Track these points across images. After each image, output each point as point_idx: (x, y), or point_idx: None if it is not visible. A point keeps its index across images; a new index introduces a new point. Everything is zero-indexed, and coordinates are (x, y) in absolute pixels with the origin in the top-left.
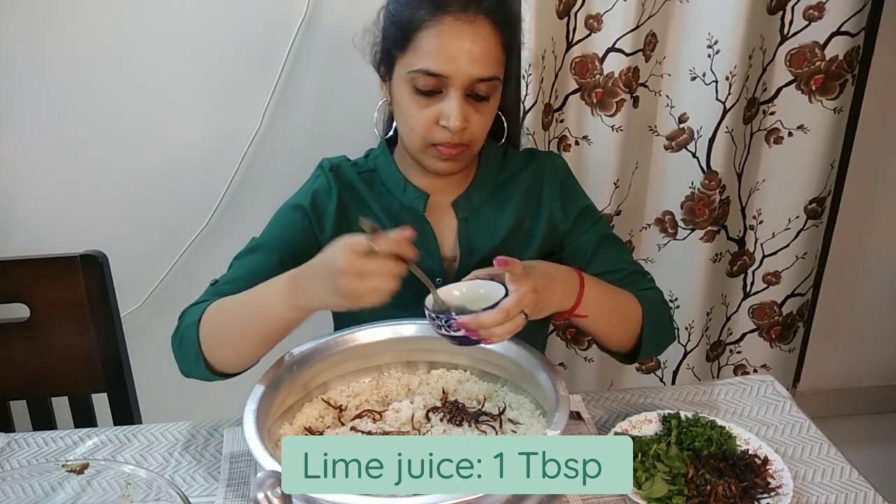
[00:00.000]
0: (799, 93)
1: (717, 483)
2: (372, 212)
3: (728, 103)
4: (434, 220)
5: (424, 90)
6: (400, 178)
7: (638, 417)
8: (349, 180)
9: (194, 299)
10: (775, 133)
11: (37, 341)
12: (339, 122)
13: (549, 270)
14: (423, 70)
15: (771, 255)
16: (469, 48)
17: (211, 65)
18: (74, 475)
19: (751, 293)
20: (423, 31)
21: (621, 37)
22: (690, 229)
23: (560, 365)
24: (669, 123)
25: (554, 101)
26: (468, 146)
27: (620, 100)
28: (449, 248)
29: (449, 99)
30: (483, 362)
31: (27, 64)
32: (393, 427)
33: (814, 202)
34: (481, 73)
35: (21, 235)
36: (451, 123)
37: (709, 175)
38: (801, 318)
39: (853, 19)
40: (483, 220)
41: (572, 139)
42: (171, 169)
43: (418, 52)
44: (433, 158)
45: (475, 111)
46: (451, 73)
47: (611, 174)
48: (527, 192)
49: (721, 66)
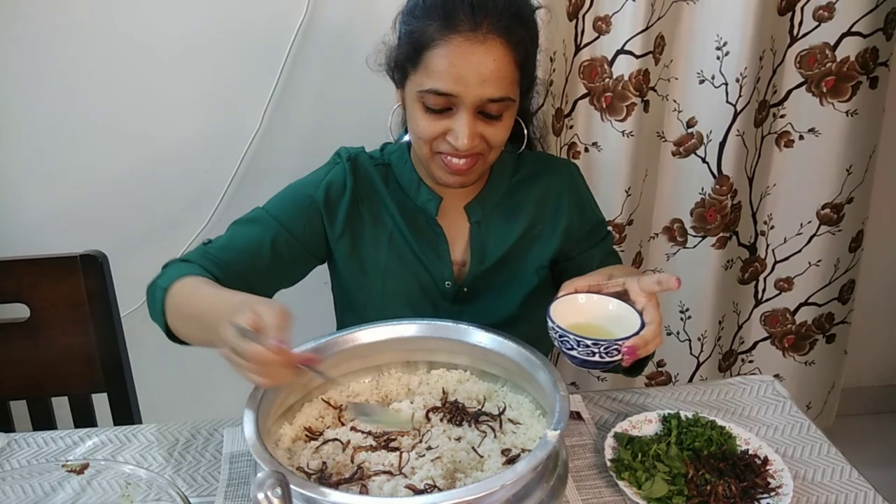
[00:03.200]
0: (809, 95)
1: (717, 483)
2: (387, 207)
3: (739, 106)
4: (446, 223)
5: (434, 108)
6: (414, 178)
7: (638, 417)
8: (366, 173)
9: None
10: (786, 136)
11: (37, 341)
12: (339, 122)
13: None
14: (432, 90)
15: (783, 261)
16: (479, 69)
17: (211, 64)
18: (74, 475)
19: (763, 300)
20: (433, 51)
21: (631, 38)
22: (701, 237)
23: (571, 384)
24: (677, 128)
25: (564, 105)
26: (481, 157)
27: (631, 104)
28: (460, 252)
29: (458, 117)
30: (483, 362)
31: (27, 64)
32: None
33: (827, 207)
34: (491, 95)
35: (21, 235)
36: (458, 143)
37: (720, 180)
38: (820, 331)
39: (865, 19)
40: (495, 225)
41: (581, 146)
42: (172, 168)
43: (429, 72)
44: (441, 170)
45: (487, 126)
46: (460, 93)
47: (622, 182)
48: (542, 198)
49: (731, 68)
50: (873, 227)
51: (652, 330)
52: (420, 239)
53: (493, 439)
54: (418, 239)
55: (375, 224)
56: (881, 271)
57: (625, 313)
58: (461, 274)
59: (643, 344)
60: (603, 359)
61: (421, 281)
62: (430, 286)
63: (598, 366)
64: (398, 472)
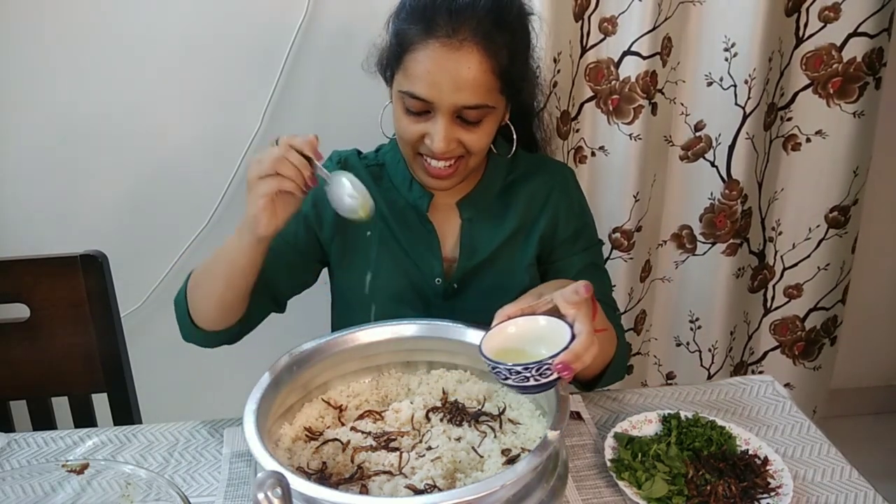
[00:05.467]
0: (816, 97)
1: (717, 483)
2: (377, 206)
3: (748, 108)
4: (437, 219)
5: (413, 111)
6: (406, 175)
7: (638, 417)
8: (357, 175)
9: None
10: (793, 140)
11: (37, 341)
12: (339, 122)
13: None
14: (409, 93)
15: (791, 268)
16: (454, 76)
17: (211, 65)
18: (74, 475)
19: (772, 308)
20: (412, 54)
21: (637, 39)
22: (711, 243)
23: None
24: (685, 132)
25: (571, 108)
26: (461, 160)
27: (638, 106)
28: (450, 249)
29: (435, 122)
30: (483, 362)
31: (27, 64)
32: (393, 427)
33: (835, 210)
34: (466, 102)
35: (21, 235)
36: (434, 146)
37: (730, 184)
38: (826, 335)
39: (871, 20)
40: (486, 222)
41: (588, 150)
42: (171, 169)
43: (407, 74)
44: (422, 172)
45: (466, 132)
46: (435, 99)
47: (630, 187)
48: (532, 197)
49: (739, 70)
50: (867, 226)
51: (582, 341)
52: (411, 236)
53: (493, 439)
54: (409, 236)
55: (364, 224)
56: (880, 271)
57: (556, 329)
58: (451, 270)
59: (574, 358)
60: (539, 381)
61: (411, 278)
62: (421, 283)
63: (540, 389)
64: (398, 472)
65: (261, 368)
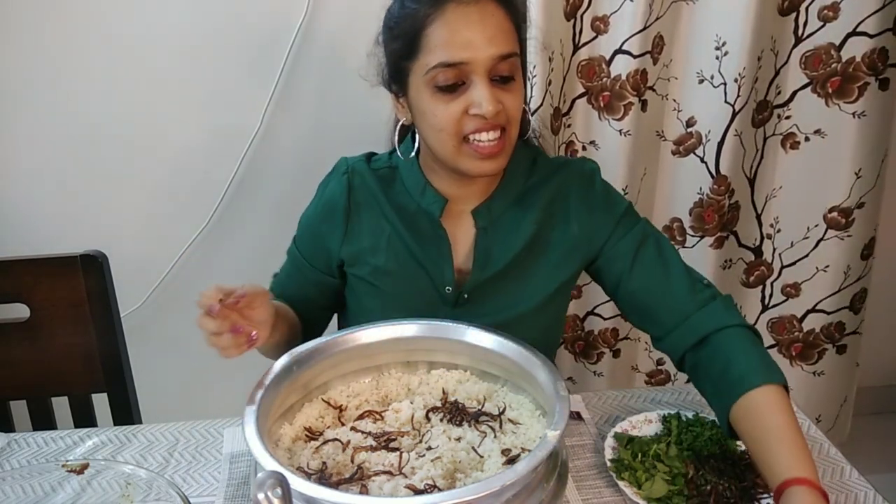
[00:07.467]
0: (815, 96)
1: (717, 483)
2: (385, 213)
3: (737, 106)
4: (450, 226)
5: (446, 85)
6: (420, 180)
7: (638, 417)
8: (363, 182)
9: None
10: (791, 138)
11: (37, 341)
12: (338, 122)
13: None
14: (441, 64)
15: (790, 266)
16: (482, 28)
17: (211, 65)
18: (74, 475)
19: (770, 306)
20: (430, 28)
21: (628, 38)
22: (699, 237)
23: (569, 379)
24: (677, 128)
25: (562, 104)
26: (504, 133)
27: (628, 103)
28: (462, 258)
29: (475, 87)
30: (483, 362)
31: (27, 64)
32: (393, 427)
33: (834, 211)
34: (500, 51)
35: (21, 235)
36: (483, 109)
37: (717, 180)
38: (830, 341)
39: (871, 19)
40: (502, 231)
41: (579, 144)
42: (171, 169)
43: (431, 49)
44: (471, 159)
45: (503, 92)
46: (470, 58)
47: (620, 180)
48: (550, 202)
49: (729, 68)
50: (885, 233)
51: None
52: (421, 242)
53: (493, 439)
54: (419, 242)
55: (373, 231)
56: (880, 271)
57: None
58: (462, 280)
59: None
60: None
61: (420, 285)
62: (430, 291)
63: None
64: (398, 472)
65: (261, 368)
